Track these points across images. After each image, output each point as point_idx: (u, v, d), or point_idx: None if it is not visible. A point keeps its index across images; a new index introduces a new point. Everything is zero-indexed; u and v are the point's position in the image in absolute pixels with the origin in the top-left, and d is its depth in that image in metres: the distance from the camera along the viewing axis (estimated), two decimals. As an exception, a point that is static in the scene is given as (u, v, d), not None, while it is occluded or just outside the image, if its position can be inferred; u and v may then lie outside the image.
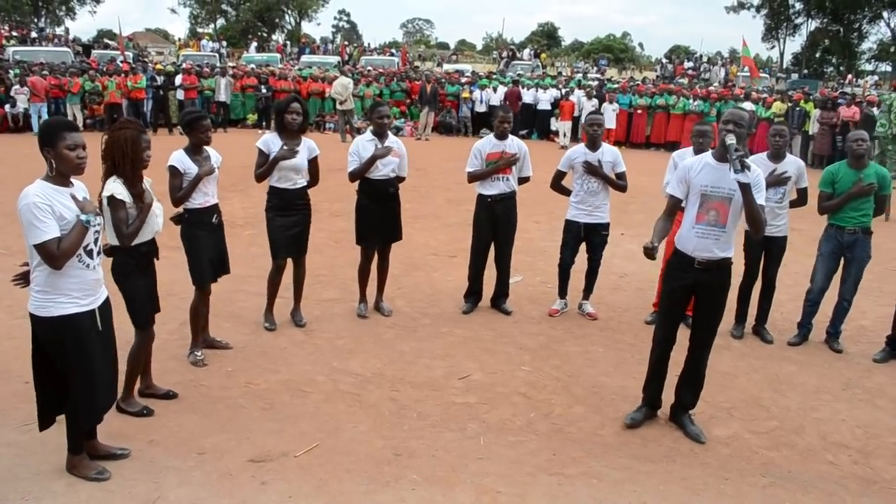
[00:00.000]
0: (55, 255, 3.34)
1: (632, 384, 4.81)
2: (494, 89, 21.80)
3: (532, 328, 6.30)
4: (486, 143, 6.40)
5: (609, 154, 6.37)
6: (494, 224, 6.46)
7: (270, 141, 5.65)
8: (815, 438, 4.58)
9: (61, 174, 3.47)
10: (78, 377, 3.58)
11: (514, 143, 6.40)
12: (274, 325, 6.01)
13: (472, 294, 6.70)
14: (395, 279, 7.14)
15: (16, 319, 5.68)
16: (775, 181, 5.86)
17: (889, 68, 48.20)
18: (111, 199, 4.02)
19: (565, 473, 4.06)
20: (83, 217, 3.41)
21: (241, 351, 5.57)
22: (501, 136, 6.37)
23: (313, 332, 6.01)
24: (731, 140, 4.12)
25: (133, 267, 4.27)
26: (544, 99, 21.76)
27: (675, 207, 4.45)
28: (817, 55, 51.62)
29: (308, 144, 5.79)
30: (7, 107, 19.21)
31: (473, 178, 6.42)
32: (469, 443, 4.35)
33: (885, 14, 47.31)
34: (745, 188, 4.10)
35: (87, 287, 3.56)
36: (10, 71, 20.63)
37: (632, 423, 4.59)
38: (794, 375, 5.54)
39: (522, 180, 6.53)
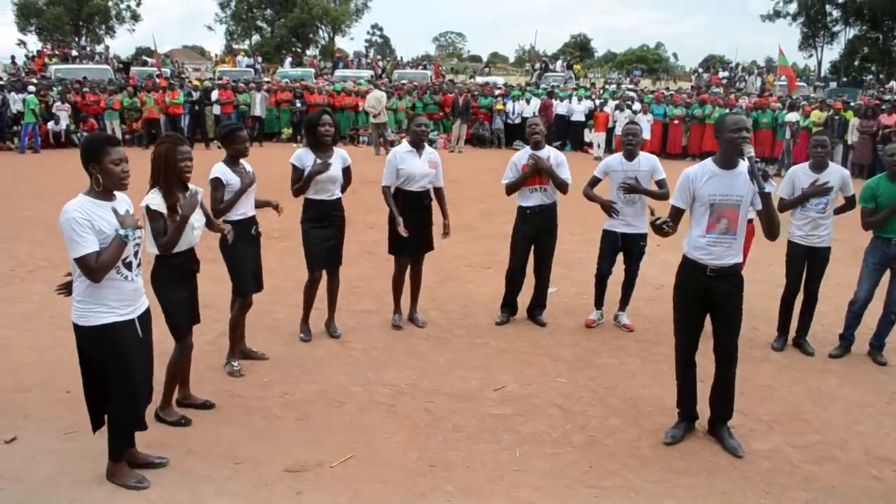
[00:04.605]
0: (93, 268, 3.40)
1: (669, 396, 4.75)
2: (528, 101, 21.80)
3: (567, 339, 6.26)
4: (522, 156, 6.40)
5: (646, 163, 6.32)
6: (534, 236, 6.45)
7: (304, 156, 5.70)
8: (859, 453, 4.48)
9: (105, 188, 3.54)
10: (119, 385, 3.65)
11: (548, 153, 6.38)
12: (309, 336, 6.05)
13: (507, 305, 6.69)
14: (429, 290, 7.15)
15: (58, 330, 5.80)
16: (815, 192, 5.77)
17: (931, 75, 47.26)
18: (147, 209, 4.10)
19: (602, 486, 4.02)
20: (121, 232, 3.46)
21: (276, 361, 5.62)
22: (536, 146, 6.36)
23: (348, 342, 6.04)
24: (751, 152, 4.08)
25: (167, 277, 4.32)
26: (578, 110, 21.68)
27: (678, 216, 4.43)
28: (856, 63, 50.80)
29: (341, 154, 5.86)
30: (50, 124, 19.64)
31: (508, 188, 6.43)
32: (504, 454, 4.33)
33: (926, 20, 46.46)
34: (767, 198, 4.10)
35: (126, 297, 3.62)
36: (53, 88, 21.13)
37: (672, 440, 4.51)
38: (836, 388, 5.43)
39: (560, 186, 6.36)
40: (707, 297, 4.35)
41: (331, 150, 5.78)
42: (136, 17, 55.18)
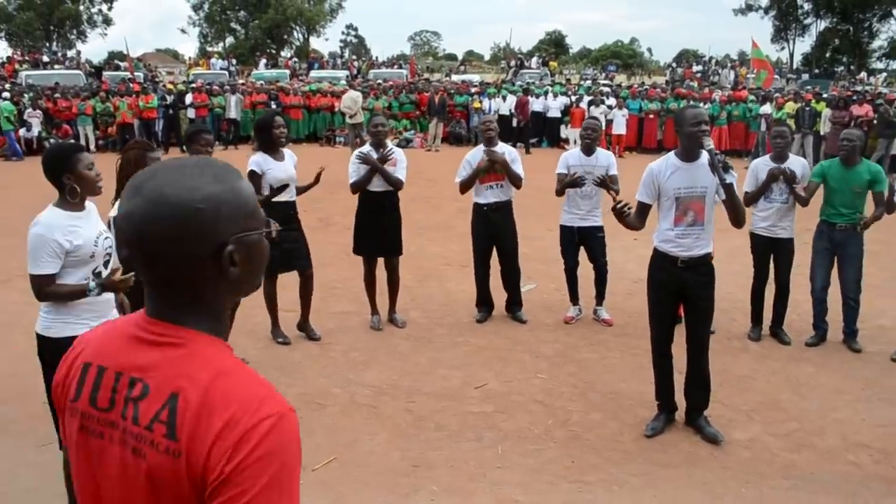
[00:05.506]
0: (42, 291, 3.32)
1: (649, 389, 4.79)
2: (504, 98, 21.83)
3: (547, 336, 6.28)
4: (476, 153, 6.43)
5: (603, 159, 6.40)
6: (493, 233, 6.50)
7: (262, 162, 5.65)
8: (836, 439, 4.54)
9: (81, 198, 3.45)
10: None
11: (502, 149, 6.39)
12: (287, 339, 6.03)
13: (483, 303, 6.70)
14: (408, 290, 7.15)
15: (34, 341, 5.71)
16: (775, 176, 5.85)
17: (900, 65, 47.98)
18: (113, 220, 4.01)
19: (584, 480, 4.04)
20: (91, 285, 3.36)
21: (256, 365, 5.58)
22: (489, 144, 6.39)
23: (328, 345, 6.02)
24: (710, 144, 4.16)
25: (134, 288, 4.20)
26: (554, 106, 21.73)
27: (644, 212, 4.49)
28: (827, 55, 51.39)
29: (289, 154, 5.88)
30: (22, 131, 19.40)
31: (462, 186, 6.44)
32: (487, 452, 4.34)
33: (894, 11, 47.08)
34: (730, 188, 4.18)
35: (98, 310, 3.51)
36: (24, 95, 20.87)
37: (652, 433, 4.56)
38: (812, 376, 5.50)
39: (514, 180, 6.38)
40: (679, 288, 4.41)
41: (281, 152, 5.77)
42: (107, 21, 54.56)
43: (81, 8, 53.08)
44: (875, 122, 17.01)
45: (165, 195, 1.15)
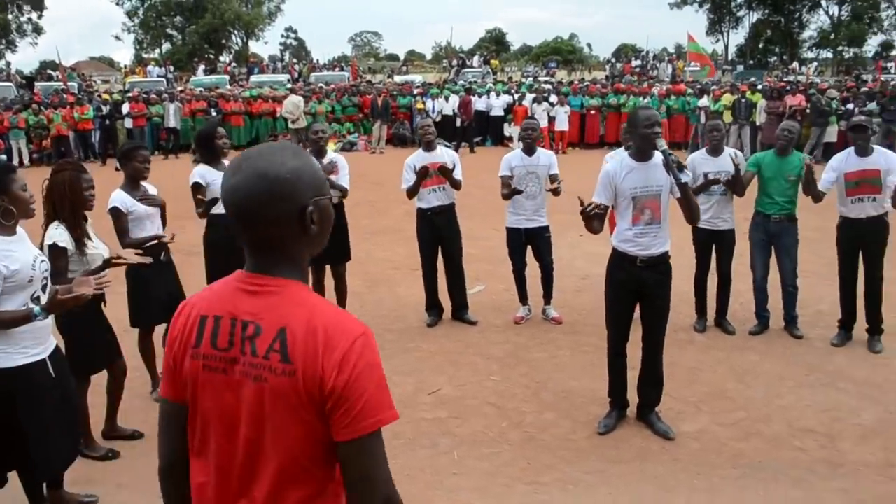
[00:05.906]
0: None
1: (600, 386, 4.84)
2: (446, 98, 21.87)
3: (498, 337, 6.30)
4: (416, 157, 6.41)
5: (545, 159, 6.45)
6: (438, 237, 6.50)
7: (207, 174, 5.45)
8: (782, 426, 4.65)
9: (15, 221, 3.30)
10: (31, 429, 3.36)
11: (443, 154, 6.41)
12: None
13: (433, 307, 6.70)
14: (357, 296, 7.10)
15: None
16: (709, 183, 5.97)
17: (830, 55, 49.48)
18: (53, 247, 3.85)
19: (540, 481, 4.07)
20: (36, 310, 3.22)
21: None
22: (428, 147, 6.40)
23: (278, 356, 5.92)
24: (664, 145, 4.23)
25: (71, 311, 4.03)
26: (497, 105, 21.86)
27: (604, 213, 4.48)
28: (760, 46, 52.75)
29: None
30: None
31: (410, 193, 6.38)
32: (443, 458, 4.34)
33: (823, 2, 48.67)
34: (685, 187, 4.26)
35: (37, 336, 3.37)
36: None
37: (605, 430, 4.61)
38: (757, 365, 5.62)
39: (456, 186, 6.42)
40: (638, 287, 4.45)
41: (222, 162, 5.57)
42: (38, 30, 52.93)
43: (10, 17, 51.40)
44: (808, 111, 17.49)
45: (260, 168, 1.53)
